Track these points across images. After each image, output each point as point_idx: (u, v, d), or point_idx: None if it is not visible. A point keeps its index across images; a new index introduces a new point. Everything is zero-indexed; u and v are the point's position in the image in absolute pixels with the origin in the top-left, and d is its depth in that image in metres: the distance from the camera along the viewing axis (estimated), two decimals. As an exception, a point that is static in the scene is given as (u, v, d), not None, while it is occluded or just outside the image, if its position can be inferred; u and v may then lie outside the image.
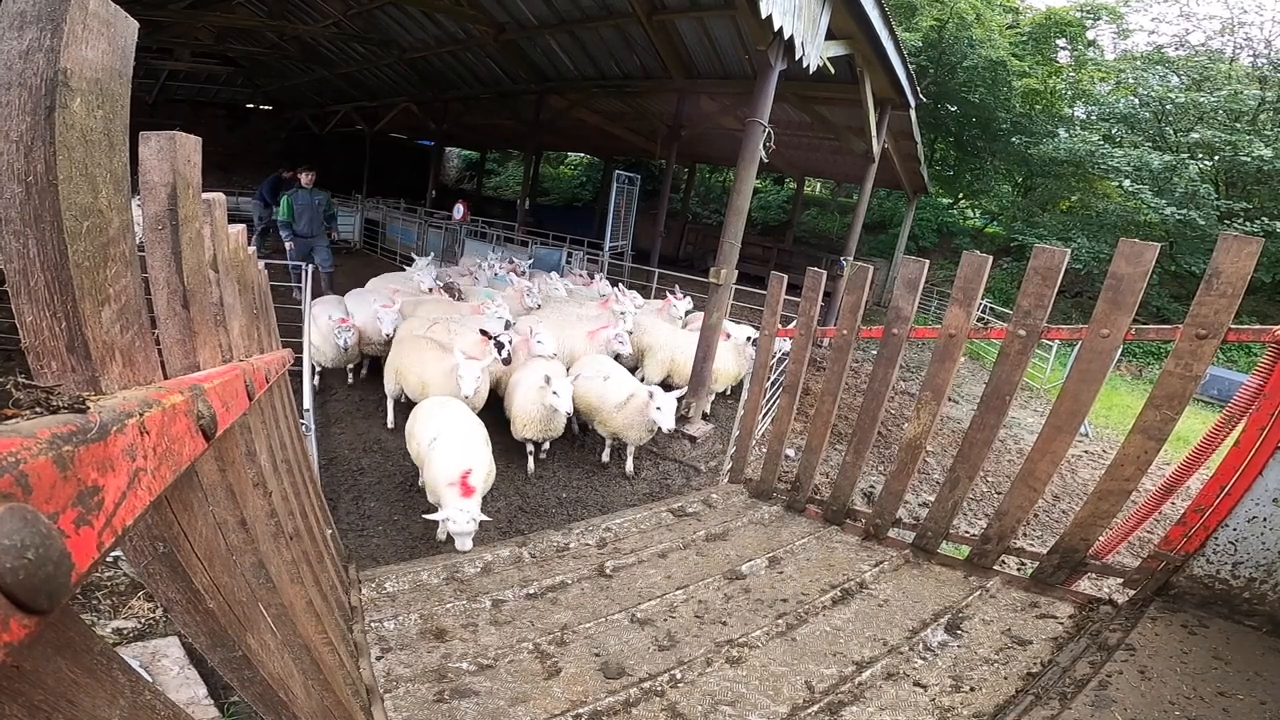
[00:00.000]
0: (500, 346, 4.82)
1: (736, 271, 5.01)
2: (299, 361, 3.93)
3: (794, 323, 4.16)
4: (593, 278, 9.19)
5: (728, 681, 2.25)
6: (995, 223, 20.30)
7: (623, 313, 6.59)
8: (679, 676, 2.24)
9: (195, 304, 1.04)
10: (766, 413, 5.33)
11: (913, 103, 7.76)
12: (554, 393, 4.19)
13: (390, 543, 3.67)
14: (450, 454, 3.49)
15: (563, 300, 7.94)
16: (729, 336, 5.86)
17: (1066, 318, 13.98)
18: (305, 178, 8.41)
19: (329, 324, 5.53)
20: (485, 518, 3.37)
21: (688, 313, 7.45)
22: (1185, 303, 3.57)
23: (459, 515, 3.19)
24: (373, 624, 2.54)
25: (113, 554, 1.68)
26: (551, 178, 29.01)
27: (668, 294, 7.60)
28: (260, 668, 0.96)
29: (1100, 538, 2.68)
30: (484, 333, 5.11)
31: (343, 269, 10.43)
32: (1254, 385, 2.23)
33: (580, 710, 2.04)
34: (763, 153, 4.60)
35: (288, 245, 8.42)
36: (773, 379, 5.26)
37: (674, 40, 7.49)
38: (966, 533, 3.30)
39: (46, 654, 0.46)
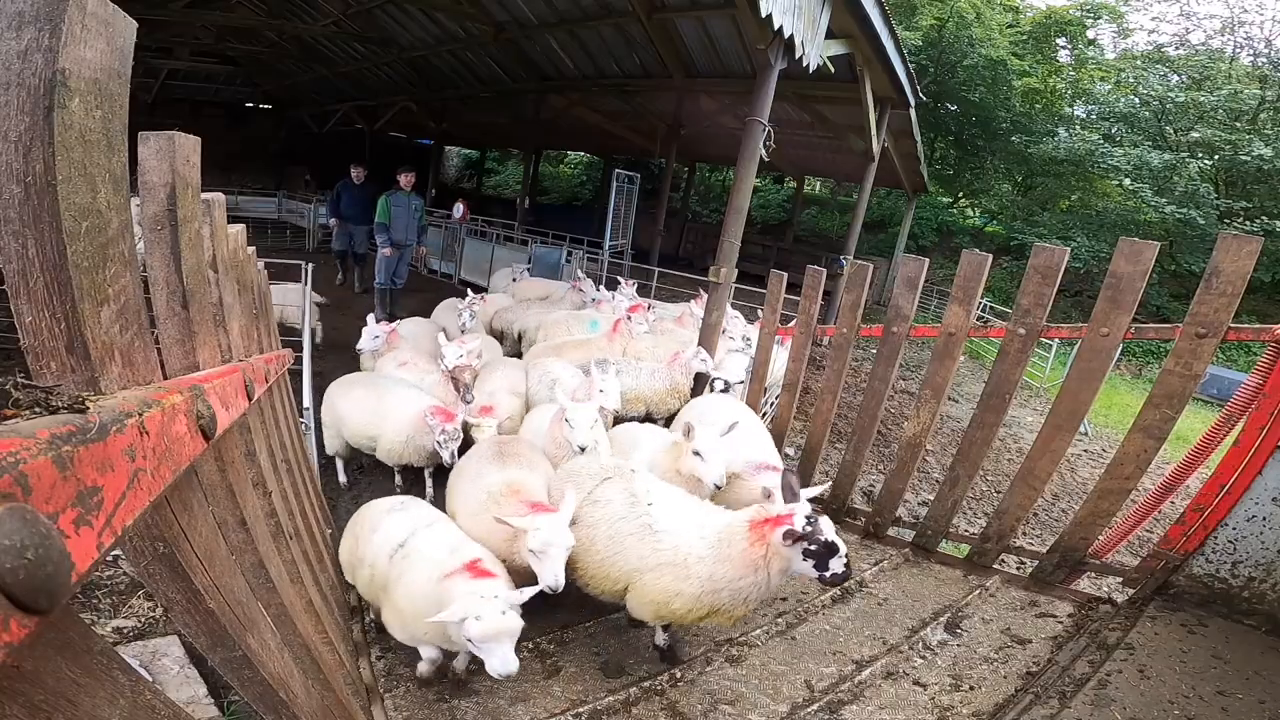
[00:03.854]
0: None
1: (736, 270, 5.00)
2: (299, 361, 3.92)
3: (793, 321, 4.15)
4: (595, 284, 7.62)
5: (727, 680, 2.25)
6: (995, 222, 20.30)
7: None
8: (678, 675, 2.24)
9: (194, 304, 1.04)
10: (765, 412, 5.33)
11: (913, 102, 7.76)
12: (695, 452, 2.74)
13: (390, 542, 3.65)
14: (446, 535, 2.27)
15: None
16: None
17: (1066, 316, 13.97)
18: (404, 179, 7.25)
19: (419, 414, 3.48)
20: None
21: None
22: (1185, 302, 3.57)
23: (486, 606, 1.80)
24: (373, 623, 2.54)
25: (113, 554, 1.68)
26: (551, 176, 28.97)
27: (692, 301, 6.73)
28: (260, 667, 0.96)
29: (1100, 537, 2.68)
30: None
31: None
32: (1253, 384, 2.23)
33: (580, 709, 2.05)
34: (763, 151, 4.59)
35: (383, 252, 7.32)
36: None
37: (674, 39, 7.48)
38: (966, 531, 3.30)
39: (46, 654, 0.46)
